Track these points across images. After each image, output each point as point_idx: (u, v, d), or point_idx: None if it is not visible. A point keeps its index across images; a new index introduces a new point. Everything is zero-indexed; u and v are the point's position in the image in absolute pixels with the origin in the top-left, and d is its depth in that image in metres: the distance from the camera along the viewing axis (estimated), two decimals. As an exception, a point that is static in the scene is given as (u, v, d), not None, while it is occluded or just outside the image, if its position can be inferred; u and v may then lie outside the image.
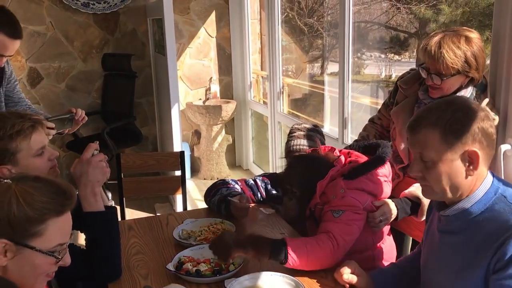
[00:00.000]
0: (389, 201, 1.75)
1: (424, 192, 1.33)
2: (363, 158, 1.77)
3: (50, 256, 1.09)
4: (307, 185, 1.72)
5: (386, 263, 1.78)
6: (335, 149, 1.87)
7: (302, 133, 2.06)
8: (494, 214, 1.21)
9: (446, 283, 1.31)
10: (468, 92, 1.76)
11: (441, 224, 1.34)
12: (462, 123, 1.19)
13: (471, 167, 1.21)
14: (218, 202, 1.97)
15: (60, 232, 1.10)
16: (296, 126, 2.13)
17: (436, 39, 1.71)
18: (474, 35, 1.72)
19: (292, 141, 2.05)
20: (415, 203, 1.78)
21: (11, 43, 2.00)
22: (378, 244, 1.81)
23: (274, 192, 2.08)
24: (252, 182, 2.10)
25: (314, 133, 2.09)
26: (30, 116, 1.51)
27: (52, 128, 2.01)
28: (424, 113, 1.26)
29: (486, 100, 1.76)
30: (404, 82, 1.94)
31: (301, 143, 2.03)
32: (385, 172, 1.74)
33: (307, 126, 2.13)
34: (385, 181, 1.74)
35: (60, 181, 1.14)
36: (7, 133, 1.42)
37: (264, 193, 2.08)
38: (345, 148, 1.92)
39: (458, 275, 1.26)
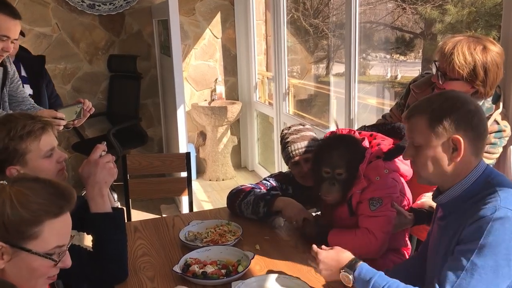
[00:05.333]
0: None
1: (417, 178, 1.39)
2: (388, 140, 1.76)
3: (47, 258, 1.07)
4: (353, 166, 1.67)
5: None
6: (354, 131, 1.83)
7: (295, 136, 1.98)
8: (479, 202, 1.25)
9: (437, 269, 1.32)
10: None
11: (438, 213, 1.41)
12: (447, 111, 1.26)
13: (454, 154, 1.26)
14: (255, 200, 1.91)
15: (57, 234, 1.08)
16: (285, 131, 2.04)
17: (455, 39, 1.69)
18: (494, 47, 1.65)
19: (289, 147, 1.97)
20: (430, 212, 1.76)
21: (14, 24, 2.00)
22: (404, 249, 1.83)
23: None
24: (269, 184, 2.05)
25: (307, 132, 2.01)
26: (40, 117, 1.51)
27: (62, 119, 2.02)
28: (418, 103, 1.35)
29: (499, 111, 1.73)
30: (417, 87, 1.94)
31: (300, 147, 1.95)
32: None
33: (297, 128, 2.03)
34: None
35: (59, 182, 1.11)
36: (18, 134, 1.42)
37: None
38: (358, 129, 1.89)
39: (443, 259, 1.29)
